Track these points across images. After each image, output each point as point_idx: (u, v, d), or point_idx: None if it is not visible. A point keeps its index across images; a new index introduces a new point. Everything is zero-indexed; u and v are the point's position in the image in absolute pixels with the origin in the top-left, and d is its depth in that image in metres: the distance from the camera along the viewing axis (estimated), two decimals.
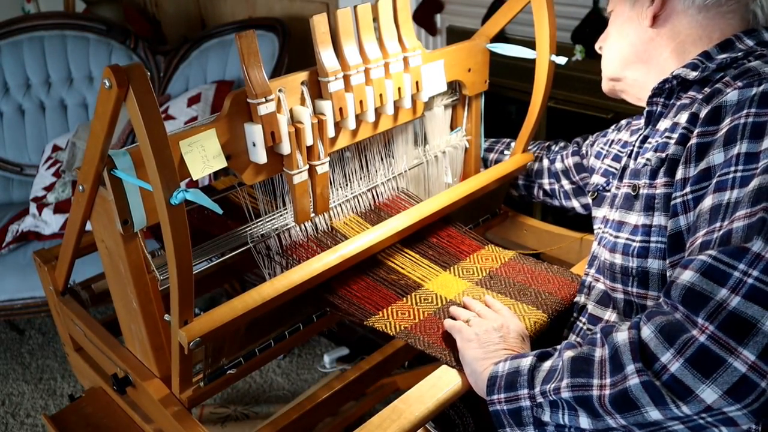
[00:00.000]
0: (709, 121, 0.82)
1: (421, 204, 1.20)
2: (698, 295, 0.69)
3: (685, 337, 0.68)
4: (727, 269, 0.69)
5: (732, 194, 0.74)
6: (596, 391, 0.73)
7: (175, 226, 0.76)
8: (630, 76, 1.01)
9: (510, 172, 1.33)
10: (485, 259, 1.19)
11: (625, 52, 0.99)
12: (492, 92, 1.36)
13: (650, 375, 0.68)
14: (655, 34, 0.95)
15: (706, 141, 0.81)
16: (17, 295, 2.01)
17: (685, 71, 0.91)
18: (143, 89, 0.71)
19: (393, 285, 1.11)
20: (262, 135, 0.94)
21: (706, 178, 0.79)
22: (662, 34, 0.94)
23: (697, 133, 0.82)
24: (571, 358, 0.78)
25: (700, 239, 0.75)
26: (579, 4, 1.86)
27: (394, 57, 1.09)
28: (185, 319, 0.86)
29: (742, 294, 0.67)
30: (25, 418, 2.05)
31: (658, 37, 0.95)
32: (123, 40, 2.51)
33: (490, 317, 0.98)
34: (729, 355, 0.65)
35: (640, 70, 0.99)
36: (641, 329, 0.72)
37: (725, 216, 0.73)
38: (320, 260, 1.03)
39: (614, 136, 1.23)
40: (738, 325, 0.66)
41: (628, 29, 0.98)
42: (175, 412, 0.98)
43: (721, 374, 0.65)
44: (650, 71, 0.98)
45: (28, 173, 2.46)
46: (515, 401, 0.81)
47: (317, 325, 1.13)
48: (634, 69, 1.00)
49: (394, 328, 1.02)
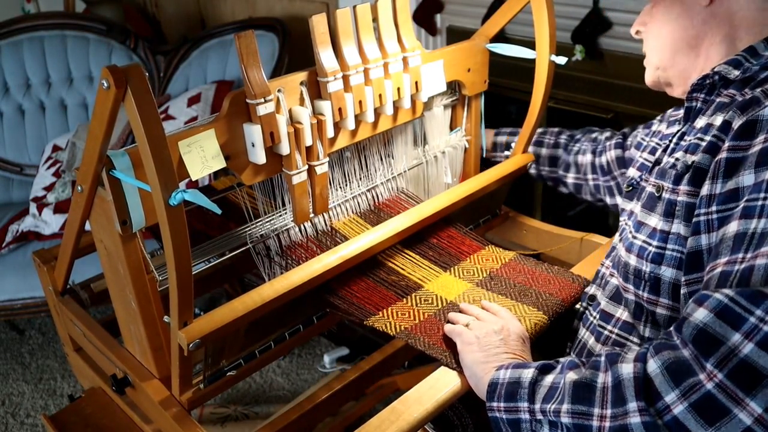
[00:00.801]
0: (742, 135, 0.78)
1: (421, 204, 1.20)
2: (710, 337, 0.67)
3: (692, 380, 0.66)
4: (744, 313, 0.66)
5: (759, 224, 0.71)
6: (596, 422, 0.72)
7: (174, 226, 0.76)
8: (679, 64, 0.93)
9: (510, 172, 1.33)
10: (485, 260, 1.19)
11: (676, 35, 0.91)
12: (492, 92, 1.36)
13: (652, 414, 0.67)
14: (710, 15, 0.88)
15: (737, 157, 0.77)
16: (17, 295, 2.01)
17: (726, 69, 0.86)
18: (141, 90, 0.71)
19: (393, 286, 1.11)
20: (261, 135, 0.94)
21: (734, 199, 0.76)
22: (718, 15, 0.87)
23: (728, 147, 0.78)
24: (573, 382, 0.76)
25: (720, 267, 0.73)
26: (579, 4, 1.85)
27: (393, 57, 1.08)
28: (185, 320, 0.86)
29: (755, 341, 0.64)
30: (25, 418, 2.05)
31: (712, 19, 0.88)
32: (123, 40, 2.51)
33: (489, 320, 0.97)
34: (735, 405, 0.63)
35: (688, 57, 0.92)
36: (647, 362, 0.70)
37: (749, 247, 0.71)
38: (320, 261, 1.03)
39: (656, 127, 1.18)
40: (747, 374, 0.64)
41: (678, 9, 0.90)
42: (174, 413, 0.98)
43: (725, 424, 0.63)
44: (697, 60, 0.91)
45: (28, 173, 2.46)
46: (515, 412, 0.81)
47: (317, 326, 1.13)
48: (682, 56, 0.92)
49: (395, 328, 1.02)
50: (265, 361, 1.09)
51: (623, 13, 1.80)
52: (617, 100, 1.90)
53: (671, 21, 0.91)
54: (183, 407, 0.99)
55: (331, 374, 2.06)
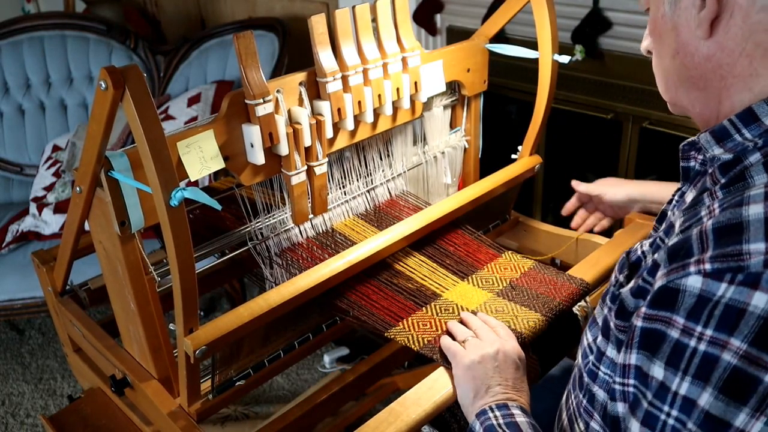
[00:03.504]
0: (658, 303, 0.61)
1: (430, 207, 1.19)
2: None
3: None
4: None
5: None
6: None
7: (176, 227, 0.76)
8: (686, 101, 0.71)
9: (518, 174, 1.32)
10: (504, 269, 1.16)
11: (678, 75, 0.69)
12: (492, 92, 1.35)
13: None
14: (716, 48, 0.64)
15: (653, 330, 0.62)
16: (17, 295, 2.01)
17: (707, 141, 0.67)
18: (139, 90, 0.71)
19: (411, 295, 1.08)
20: (260, 136, 0.94)
21: (644, 384, 0.64)
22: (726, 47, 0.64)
23: (644, 315, 0.63)
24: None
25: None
26: (579, 4, 1.85)
27: (392, 57, 1.08)
28: (190, 327, 0.85)
29: None
30: (25, 418, 2.05)
31: (720, 52, 0.64)
32: (123, 40, 2.51)
33: (487, 340, 0.93)
34: None
35: (699, 100, 0.69)
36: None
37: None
38: (328, 266, 1.01)
39: None
40: None
41: (673, 44, 0.68)
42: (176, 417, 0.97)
43: None
44: (710, 103, 0.68)
45: (28, 173, 2.46)
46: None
47: (329, 334, 1.12)
48: (693, 98, 0.70)
49: (417, 342, 0.99)
50: (275, 371, 1.08)
51: (623, 13, 1.80)
52: (617, 100, 1.90)
53: (668, 57, 0.70)
54: (192, 418, 0.98)
55: (331, 374, 2.05)
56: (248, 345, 1.02)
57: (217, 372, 0.99)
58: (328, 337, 1.13)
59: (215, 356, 0.96)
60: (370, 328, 1.02)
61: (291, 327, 1.09)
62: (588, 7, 1.84)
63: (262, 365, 1.05)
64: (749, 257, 0.54)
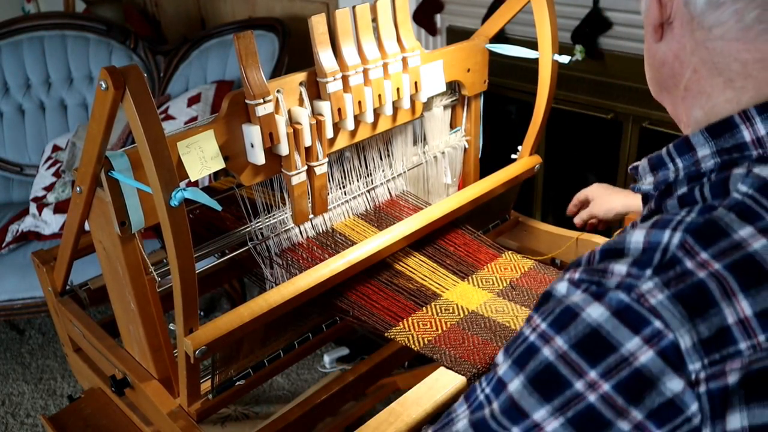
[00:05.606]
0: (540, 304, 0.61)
1: (430, 207, 1.19)
2: None
3: None
4: None
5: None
6: None
7: (176, 227, 0.76)
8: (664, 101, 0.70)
9: (518, 174, 1.32)
10: (504, 269, 1.16)
11: (647, 69, 0.69)
12: (492, 92, 1.35)
13: None
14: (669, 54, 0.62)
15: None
16: (17, 295, 2.01)
17: (644, 166, 0.66)
18: (140, 90, 0.71)
19: (411, 295, 1.08)
20: (260, 136, 0.94)
21: None
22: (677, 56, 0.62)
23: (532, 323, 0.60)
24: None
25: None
26: (579, 4, 1.85)
27: (392, 57, 1.08)
28: (190, 326, 0.86)
29: None
30: (25, 418, 2.05)
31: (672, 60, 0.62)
32: (123, 40, 2.51)
33: None
34: None
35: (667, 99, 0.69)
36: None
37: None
38: (328, 266, 1.01)
39: None
40: None
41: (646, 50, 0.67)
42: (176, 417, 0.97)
43: None
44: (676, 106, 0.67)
45: (28, 173, 2.46)
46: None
47: (329, 334, 1.12)
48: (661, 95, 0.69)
49: (418, 342, 0.99)
50: (275, 371, 1.08)
51: (623, 13, 1.80)
52: (617, 100, 1.90)
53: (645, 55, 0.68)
54: (192, 419, 0.98)
55: (331, 374, 2.05)
56: (248, 345, 1.02)
57: (217, 372, 0.99)
58: (328, 337, 1.13)
59: (215, 356, 0.96)
60: (370, 328, 1.01)
61: (291, 327, 1.09)
62: (588, 7, 1.84)
63: (262, 365, 1.04)
64: (610, 276, 0.55)
